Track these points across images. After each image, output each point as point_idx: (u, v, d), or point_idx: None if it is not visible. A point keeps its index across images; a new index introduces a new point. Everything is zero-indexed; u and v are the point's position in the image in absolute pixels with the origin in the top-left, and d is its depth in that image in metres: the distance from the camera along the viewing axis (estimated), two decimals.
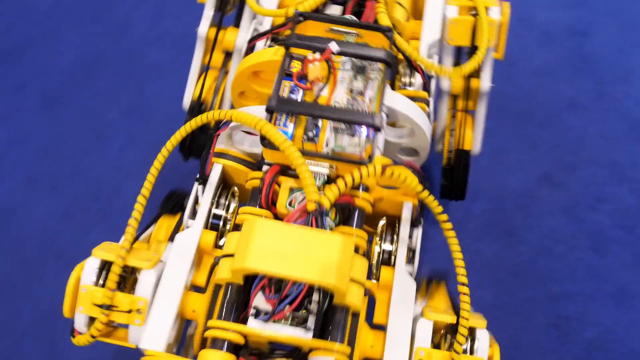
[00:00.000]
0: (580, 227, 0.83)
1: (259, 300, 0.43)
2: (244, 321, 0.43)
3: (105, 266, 0.47)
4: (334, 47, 0.50)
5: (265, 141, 0.48)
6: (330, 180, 0.49)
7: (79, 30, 1.01)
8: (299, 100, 0.50)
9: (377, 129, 0.48)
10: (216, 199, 0.53)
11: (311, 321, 0.43)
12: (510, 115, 0.92)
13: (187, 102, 0.72)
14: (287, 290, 0.42)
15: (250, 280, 0.44)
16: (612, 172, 0.88)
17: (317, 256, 0.41)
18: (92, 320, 0.47)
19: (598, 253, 0.81)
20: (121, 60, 0.97)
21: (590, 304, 0.77)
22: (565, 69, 0.98)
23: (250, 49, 0.63)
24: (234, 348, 0.43)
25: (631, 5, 1.06)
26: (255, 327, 0.42)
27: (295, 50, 0.52)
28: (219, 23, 0.69)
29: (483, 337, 0.46)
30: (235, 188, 0.55)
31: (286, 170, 0.49)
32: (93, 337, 0.47)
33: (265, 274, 0.42)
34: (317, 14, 0.56)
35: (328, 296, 0.43)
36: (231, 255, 0.43)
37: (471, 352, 0.46)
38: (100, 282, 0.47)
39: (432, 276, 0.57)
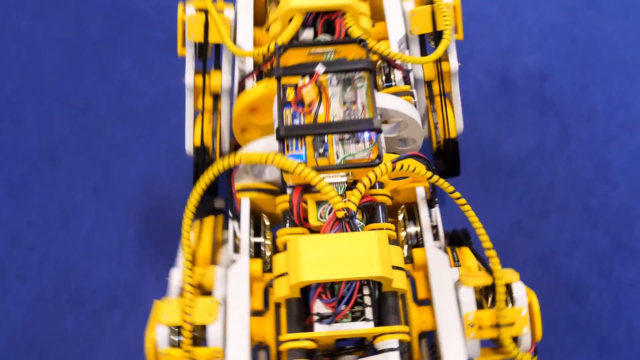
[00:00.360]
0: (557, 276, 0.83)
1: (319, 307, 0.48)
2: (308, 329, 0.48)
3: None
4: (320, 69, 0.57)
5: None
6: (349, 186, 0.54)
7: (43, 113, 1.00)
8: (302, 123, 0.56)
9: (379, 131, 0.54)
10: (252, 229, 0.58)
11: (369, 312, 0.48)
12: (477, 166, 0.92)
13: (189, 147, 0.76)
14: (341, 291, 0.47)
15: (305, 292, 0.49)
16: (584, 216, 0.88)
17: (359, 254, 0.47)
18: None
19: (577, 302, 0.80)
20: (86, 140, 0.97)
21: (575, 357, 0.76)
22: (528, 114, 0.98)
23: (241, 87, 0.68)
24: (307, 354, 0.48)
25: (587, 44, 1.08)
26: (323, 331, 0.48)
27: (285, 80, 0.57)
28: (203, 70, 0.73)
29: (518, 289, 0.51)
30: (264, 215, 0.60)
31: (309, 188, 0.54)
32: None
33: (319, 282, 0.47)
34: (296, 42, 0.63)
35: (377, 287, 0.49)
36: (283, 275, 0.49)
37: (511, 303, 0.51)
38: (173, 342, 0.50)
39: (453, 241, 0.62)
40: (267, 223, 0.59)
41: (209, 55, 0.73)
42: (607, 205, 0.89)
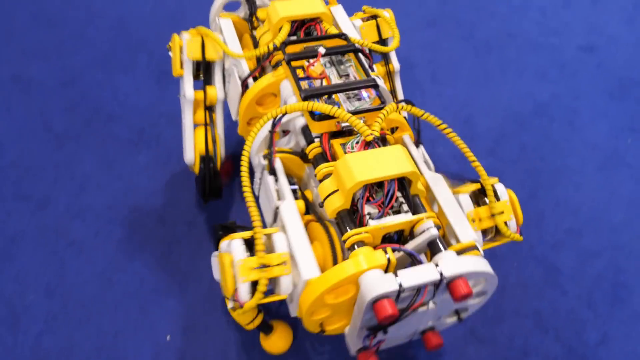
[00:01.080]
0: None
1: (368, 208, 0.61)
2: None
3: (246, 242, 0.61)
4: (322, 50, 0.73)
5: (315, 117, 0.67)
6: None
7: (0, 207, 0.99)
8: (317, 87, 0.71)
9: (376, 87, 0.71)
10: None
11: (405, 207, 0.63)
12: None
13: (190, 157, 0.86)
14: (386, 188, 0.61)
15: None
16: (536, 321, 0.89)
17: (393, 159, 0.62)
18: (252, 288, 0.60)
19: None
20: (41, 238, 0.96)
21: None
22: None
23: (245, 85, 0.80)
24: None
25: (535, 151, 1.14)
26: (376, 224, 0.61)
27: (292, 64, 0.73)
28: (204, 85, 0.86)
29: (500, 188, 0.70)
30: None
31: (332, 135, 0.69)
32: (263, 294, 0.59)
33: (369, 182, 0.61)
34: (298, 39, 0.78)
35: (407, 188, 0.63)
36: (333, 193, 0.62)
37: (497, 199, 0.69)
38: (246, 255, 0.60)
39: None
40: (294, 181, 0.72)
41: (200, 76, 0.86)
42: (558, 311, 0.91)
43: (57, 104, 1.15)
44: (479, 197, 0.70)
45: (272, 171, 0.69)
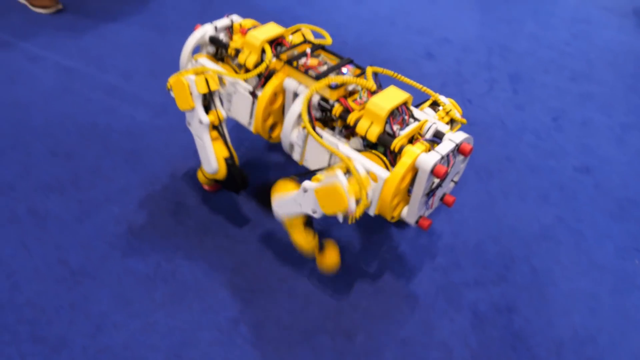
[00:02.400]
0: None
1: (395, 127, 0.94)
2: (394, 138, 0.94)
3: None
4: (308, 50, 1.05)
5: (332, 86, 0.97)
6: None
7: (14, 352, 0.98)
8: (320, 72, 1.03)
9: (352, 61, 1.06)
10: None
11: (411, 120, 0.97)
12: None
13: (214, 165, 1.10)
14: (400, 111, 0.95)
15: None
16: None
17: (395, 94, 0.96)
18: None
19: None
20: None
21: None
22: (501, 350, 1.01)
23: (255, 95, 1.07)
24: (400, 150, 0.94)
25: (545, 276, 1.15)
26: (405, 132, 0.94)
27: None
28: (206, 111, 1.08)
29: (443, 97, 1.06)
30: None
31: (346, 97, 1.00)
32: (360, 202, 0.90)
33: (392, 109, 0.93)
34: (284, 48, 1.09)
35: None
36: (370, 126, 0.94)
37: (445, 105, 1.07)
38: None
39: None
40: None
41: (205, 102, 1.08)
42: None
43: (73, 238, 1.17)
44: (432, 107, 1.06)
45: (319, 136, 0.99)
